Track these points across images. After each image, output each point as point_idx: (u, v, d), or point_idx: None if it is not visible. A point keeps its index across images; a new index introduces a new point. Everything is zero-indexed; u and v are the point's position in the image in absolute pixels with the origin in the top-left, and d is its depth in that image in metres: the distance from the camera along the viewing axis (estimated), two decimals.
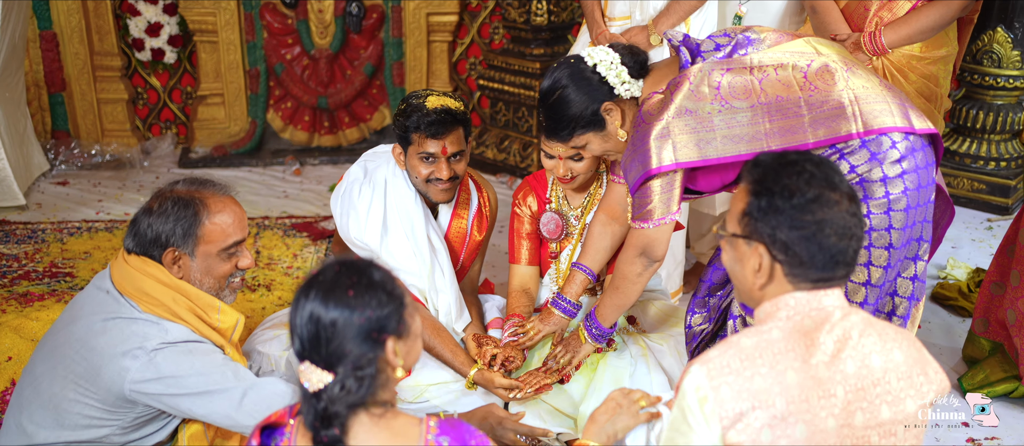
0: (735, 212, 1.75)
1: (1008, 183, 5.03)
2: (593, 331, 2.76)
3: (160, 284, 2.24)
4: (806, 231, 1.63)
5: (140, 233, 2.26)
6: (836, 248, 1.64)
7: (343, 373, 1.53)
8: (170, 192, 2.29)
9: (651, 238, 2.50)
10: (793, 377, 1.59)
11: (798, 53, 2.39)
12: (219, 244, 2.29)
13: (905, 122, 2.31)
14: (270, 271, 4.19)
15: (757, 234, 1.68)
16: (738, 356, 1.62)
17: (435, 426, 1.63)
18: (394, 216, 2.97)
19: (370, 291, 1.55)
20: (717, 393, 1.59)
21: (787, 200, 1.64)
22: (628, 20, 3.70)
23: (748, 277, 1.73)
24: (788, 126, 2.30)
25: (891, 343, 1.66)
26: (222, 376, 2.19)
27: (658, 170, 2.35)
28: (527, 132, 5.53)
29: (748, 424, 1.57)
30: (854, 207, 1.67)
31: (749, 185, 1.72)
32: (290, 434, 1.63)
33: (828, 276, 1.67)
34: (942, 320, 3.81)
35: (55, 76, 5.65)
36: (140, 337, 2.18)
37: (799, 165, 1.68)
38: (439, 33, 5.90)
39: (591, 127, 2.57)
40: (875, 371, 1.62)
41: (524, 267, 3.13)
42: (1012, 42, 4.86)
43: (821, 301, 1.67)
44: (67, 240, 4.51)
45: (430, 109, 2.83)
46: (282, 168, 5.76)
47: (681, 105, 2.35)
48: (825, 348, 1.62)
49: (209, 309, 2.29)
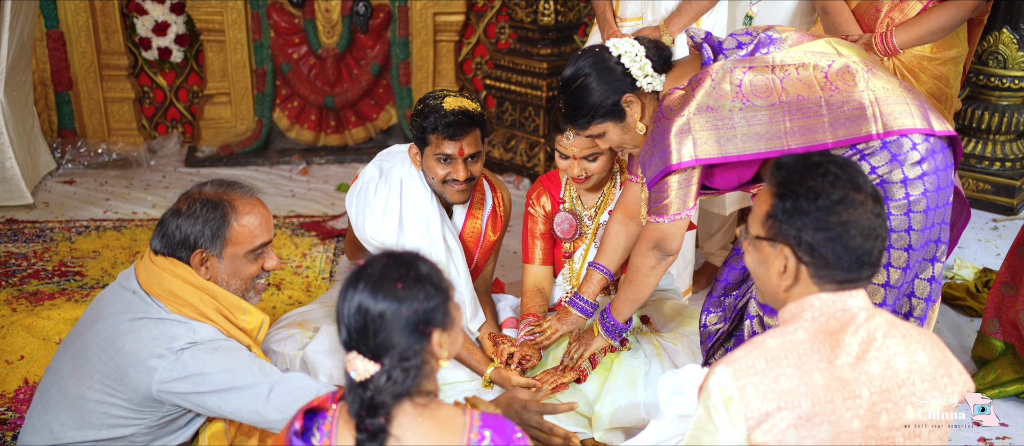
0: (759, 214, 1.75)
1: (1013, 183, 5.04)
2: (607, 325, 2.77)
3: (188, 285, 2.25)
4: (832, 232, 1.64)
5: (168, 235, 2.27)
6: (862, 249, 1.65)
7: (390, 364, 1.56)
8: (198, 194, 2.30)
9: (666, 232, 2.51)
10: (819, 378, 1.60)
11: (819, 53, 2.40)
12: (247, 245, 2.31)
13: (925, 124, 2.33)
14: (280, 270, 4.19)
15: (782, 236, 1.69)
16: (764, 357, 1.63)
17: (478, 418, 1.65)
18: (410, 216, 2.98)
19: (418, 284, 1.58)
20: (743, 393, 1.60)
21: (812, 202, 1.65)
22: (640, 21, 3.71)
23: (773, 279, 1.74)
24: (808, 125, 2.31)
25: (915, 345, 1.67)
26: (248, 372, 2.20)
27: (678, 166, 2.35)
28: (533, 132, 5.53)
29: (774, 424, 1.58)
30: (879, 208, 1.68)
31: (773, 187, 1.72)
32: (332, 418, 1.65)
33: (854, 277, 1.68)
34: (951, 320, 3.82)
35: (62, 75, 5.65)
36: (168, 338, 2.19)
37: (823, 166, 1.68)
38: (445, 33, 5.91)
39: (610, 117, 2.56)
40: (900, 372, 1.63)
41: (538, 267, 3.14)
42: (1018, 43, 4.88)
43: (846, 302, 1.68)
44: (75, 239, 4.51)
45: (448, 110, 2.84)
46: (289, 167, 5.77)
47: (702, 102, 2.35)
48: (850, 349, 1.63)
49: (235, 310, 2.30)
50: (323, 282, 4.08)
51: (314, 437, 1.64)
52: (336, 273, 4.20)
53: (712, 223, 4.01)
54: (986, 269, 4.14)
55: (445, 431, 1.62)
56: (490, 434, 1.63)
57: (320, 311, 3.10)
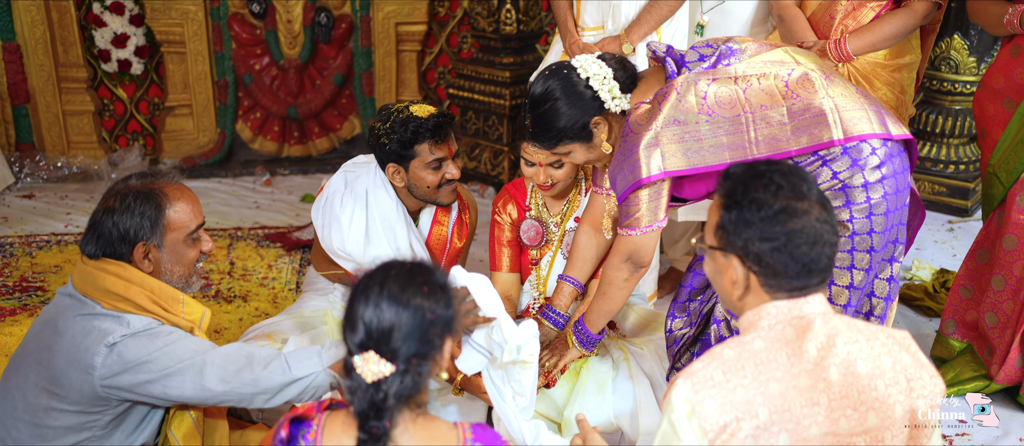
0: (711, 224, 1.78)
1: (967, 186, 5.16)
2: (581, 337, 2.80)
3: (121, 280, 2.24)
4: (777, 243, 1.65)
5: (104, 234, 2.26)
6: (808, 257, 1.66)
7: (404, 366, 1.59)
8: (127, 188, 2.29)
9: (638, 245, 2.55)
10: (776, 387, 1.61)
11: (778, 63, 2.45)
12: (184, 231, 2.32)
13: (883, 129, 2.39)
14: (245, 282, 4.18)
15: (730, 246, 1.71)
16: (721, 368, 1.64)
17: (470, 431, 1.68)
18: (376, 226, 3.00)
19: (441, 291, 1.64)
20: (702, 406, 1.61)
21: (755, 213, 1.67)
22: (601, 29, 3.75)
23: (727, 287, 1.76)
24: (772, 135, 2.37)
25: (880, 349, 1.68)
26: (185, 351, 2.22)
27: (648, 179, 2.40)
28: (497, 140, 5.56)
29: (733, 434, 1.60)
30: (825, 214, 1.68)
31: (720, 198, 1.74)
32: (317, 427, 1.67)
33: (803, 284, 1.69)
34: (909, 320, 3.91)
35: (19, 88, 5.58)
36: (101, 333, 2.18)
37: (767, 176, 1.69)
38: (408, 42, 5.93)
39: (578, 139, 2.60)
40: (861, 378, 1.64)
41: (505, 274, 3.17)
42: (968, 49, 4.99)
43: (802, 309, 1.69)
44: (37, 254, 4.46)
45: (426, 117, 2.90)
46: (252, 179, 5.75)
47: (669, 115, 2.40)
48: (808, 356, 1.64)
49: (172, 302, 2.30)
50: (290, 293, 4.07)
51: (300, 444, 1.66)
52: (303, 284, 4.19)
53: (676, 229, 4.06)
54: (943, 270, 4.24)
55: (438, 442, 1.66)
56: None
57: (288, 322, 3.09)
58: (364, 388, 1.60)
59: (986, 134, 3.25)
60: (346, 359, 1.64)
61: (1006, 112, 3.14)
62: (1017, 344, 3.15)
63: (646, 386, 2.81)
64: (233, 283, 4.17)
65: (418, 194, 3.03)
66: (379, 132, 2.95)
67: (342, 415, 1.69)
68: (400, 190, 3.08)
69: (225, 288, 4.11)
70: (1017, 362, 3.18)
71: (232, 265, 4.36)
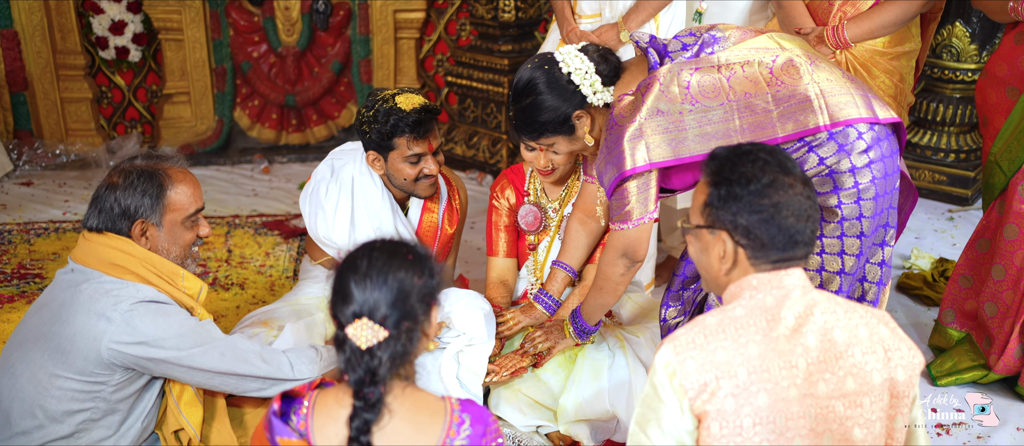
0: (697, 205, 1.84)
1: (967, 174, 5.14)
2: (577, 328, 2.81)
3: (124, 253, 2.30)
4: (765, 214, 1.73)
5: (106, 209, 2.32)
6: (794, 228, 1.74)
7: (397, 332, 1.65)
8: (132, 167, 2.36)
9: (632, 238, 2.54)
10: (754, 349, 1.69)
11: (763, 49, 2.44)
12: (183, 213, 2.39)
13: (869, 112, 2.38)
14: (243, 270, 4.18)
15: (719, 222, 1.78)
16: (702, 332, 1.72)
17: (457, 402, 1.74)
18: (361, 213, 3.01)
19: (425, 259, 1.71)
20: (683, 367, 1.69)
21: (744, 186, 1.74)
22: (598, 17, 3.74)
23: (714, 265, 1.82)
24: (757, 122, 2.36)
25: (857, 320, 1.75)
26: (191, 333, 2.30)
27: (633, 171, 2.39)
28: (496, 128, 5.55)
29: (712, 393, 1.67)
30: (808, 191, 1.77)
31: (708, 177, 1.82)
32: (309, 403, 1.72)
33: (788, 256, 1.76)
34: (908, 309, 3.90)
35: (17, 75, 5.56)
36: (113, 297, 2.23)
37: (753, 154, 1.78)
38: (406, 30, 5.91)
39: (561, 132, 2.63)
40: (838, 344, 1.71)
41: (502, 259, 3.17)
42: (970, 36, 4.97)
43: (782, 281, 1.76)
44: (35, 241, 4.46)
45: (409, 110, 2.85)
46: (250, 166, 5.73)
47: (653, 106, 2.39)
48: (786, 322, 1.71)
49: (173, 276, 2.36)
50: (287, 281, 4.06)
51: (292, 420, 1.71)
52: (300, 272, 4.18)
53: (673, 218, 4.05)
54: (942, 259, 4.22)
55: (426, 413, 1.70)
56: (469, 419, 1.71)
57: (285, 309, 3.09)
58: (359, 355, 1.65)
59: (988, 122, 3.23)
60: (337, 334, 1.68)
61: (1009, 100, 3.12)
62: (1016, 334, 3.15)
63: (642, 373, 2.81)
64: (230, 270, 4.16)
65: (396, 184, 3.03)
66: (363, 119, 2.94)
67: (333, 391, 1.73)
68: (384, 177, 3.07)
69: (222, 275, 4.10)
70: (1016, 352, 3.17)
71: (230, 252, 4.36)
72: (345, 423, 1.65)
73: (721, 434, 1.66)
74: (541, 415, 2.82)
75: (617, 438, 2.85)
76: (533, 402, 2.83)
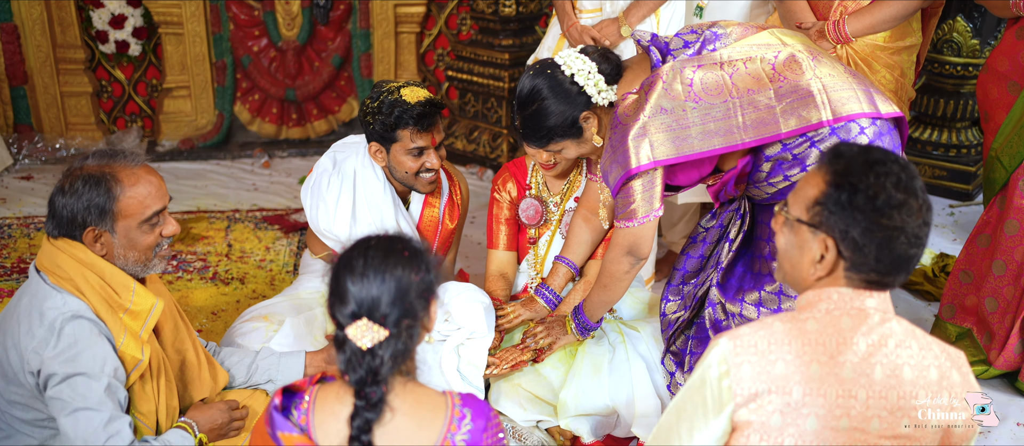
0: (805, 198, 1.69)
1: (968, 170, 5.13)
2: (579, 324, 2.82)
3: (73, 261, 2.17)
4: (882, 235, 1.59)
5: (57, 215, 2.19)
6: (904, 255, 1.61)
7: (397, 330, 1.64)
8: (80, 170, 2.19)
9: (637, 236, 2.54)
10: (817, 370, 1.59)
11: (764, 45, 2.44)
12: (138, 217, 2.21)
13: (871, 107, 2.38)
14: (243, 264, 4.17)
15: (828, 227, 1.64)
16: (768, 338, 1.62)
17: (458, 397, 1.73)
18: (363, 206, 3.01)
19: (421, 254, 1.69)
20: (738, 370, 1.61)
21: (871, 200, 1.60)
22: (599, 12, 3.73)
23: (805, 265, 1.70)
24: (760, 119, 2.35)
25: (930, 360, 1.64)
26: (88, 388, 2.10)
27: (637, 170, 2.39)
28: (496, 123, 5.54)
29: (761, 405, 1.59)
30: (929, 217, 1.63)
31: (830, 176, 1.66)
32: (310, 398, 1.71)
33: (887, 280, 1.65)
34: (908, 304, 3.90)
35: (16, 69, 5.55)
36: (43, 308, 2.13)
37: (886, 165, 1.62)
38: (407, 24, 5.89)
39: (568, 136, 2.62)
40: (905, 383, 1.60)
41: (502, 252, 3.17)
42: (971, 31, 4.95)
43: (864, 301, 1.64)
44: (34, 235, 4.45)
45: (413, 103, 2.85)
46: (251, 161, 5.73)
47: (656, 104, 2.39)
48: (857, 349, 1.61)
49: (123, 290, 2.21)
50: (287, 275, 4.06)
51: (292, 415, 1.70)
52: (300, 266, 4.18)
53: (675, 212, 4.04)
54: (943, 254, 4.22)
55: (427, 408, 1.69)
56: (470, 413, 1.70)
57: (285, 304, 3.09)
58: (360, 356, 1.63)
59: (989, 118, 3.23)
60: (337, 334, 1.67)
61: (1010, 95, 3.12)
62: (1017, 330, 3.15)
63: (642, 369, 2.81)
64: (231, 265, 4.16)
65: (397, 177, 3.02)
66: (367, 110, 2.94)
67: (334, 387, 1.72)
68: (386, 170, 3.06)
69: (223, 270, 4.10)
70: (1016, 347, 3.17)
71: (230, 247, 4.35)
72: (346, 421, 1.64)
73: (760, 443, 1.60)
74: (541, 410, 2.82)
75: (617, 433, 2.85)
76: (533, 397, 2.83)
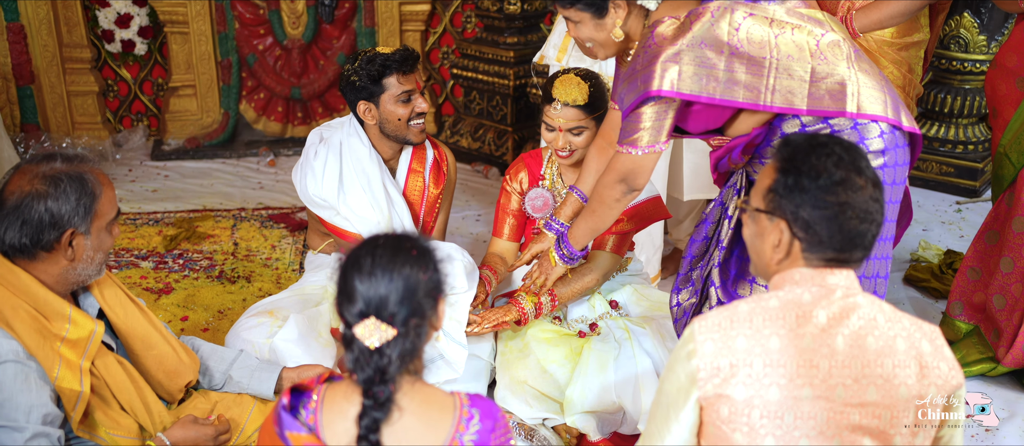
0: (761, 188, 1.79)
1: (975, 166, 5.12)
2: (563, 253, 2.81)
3: (4, 289, 2.10)
4: (829, 211, 1.68)
5: (31, 220, 2.09)
6: (856, 231, 1.69)
7: (405, 330, 1.63)
8: (56, 171, 2.13)
9: (636, 164, 2.48)
10: (776, 343, 1.66)
11: (815, 21, 2.39)
12: (108, 217, 2.20)
13: (895, 116, 2.35)
14: (249, 263, 4.17)
15: (780, 210, 1.73)
16: (730, 317, 1.70)
17: (466, 397, 1.72)
18: (349, 171, 3.12)
19: (428, 253, 1.68)
20: (702, 347, 1.68)
21: (813, 180, 1.69)
22: None
23: (767, 252, 1.78)
24: (789, 88, 2.31)
25: (898, 331, 1.68)
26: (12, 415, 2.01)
27: (657, 92, 2.32)
28: (502, 120, 5.53)
29: (725, 380, 1.65)
30: (877, 193, 1.71)
31: (778, 163, 1.76)
32: (318, 397, 1.70)
33: (844, 257, 1.71)
34: (915, 301, 3.88)
35: (23, 69, 5.57)
36: None
37: (828, 147, 1.72)
38: (412, 22, 5.89)
39: (592, 8, 2.51)
40: (868, 352, 1.65)
41: (505, 241, 3.23)
42: (978, 27, 4.94)
43: (825, 279, 1.71)
44: None
45: (392, 52, 3.05)
46: (256, 159, 5.73)
47: (698, 35, 2.33)
48: (817, 321, 1.67)
49: (58, 319, 2.14)
50: (293, 273, 4.06)
51: (300, 414, 1.69)
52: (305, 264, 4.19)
53: (681, 209, 4.03)
54: (950, 251, 4.20)
55: (435, 409, 1.69)
56: (478, 414, 1.70)
57: (290, 300, 3.09)
58: (368, 355, 1.62)
59: (997, 114, 3.21)
60: (345, 333, 1.66)
61: (1019, 91, 3.10)
62: None
63: (647, 365, 2.80)
64: (237, 264, 4.16)
65: (389, 131, 3.13)
66: (348, 72, 3.08)
67: (342, 386, 1.71)
68: (372, 133, 3.17)
69: (229, 268, 4.10)
70: None
71: (236, 245, 4.35)
72: (354, 421, 1.64)
73: (729, 417, 1.65)
74: (547, 407, 2.82)
75: (623, 430, 2.84)
76: (539, 394, 2.83)
